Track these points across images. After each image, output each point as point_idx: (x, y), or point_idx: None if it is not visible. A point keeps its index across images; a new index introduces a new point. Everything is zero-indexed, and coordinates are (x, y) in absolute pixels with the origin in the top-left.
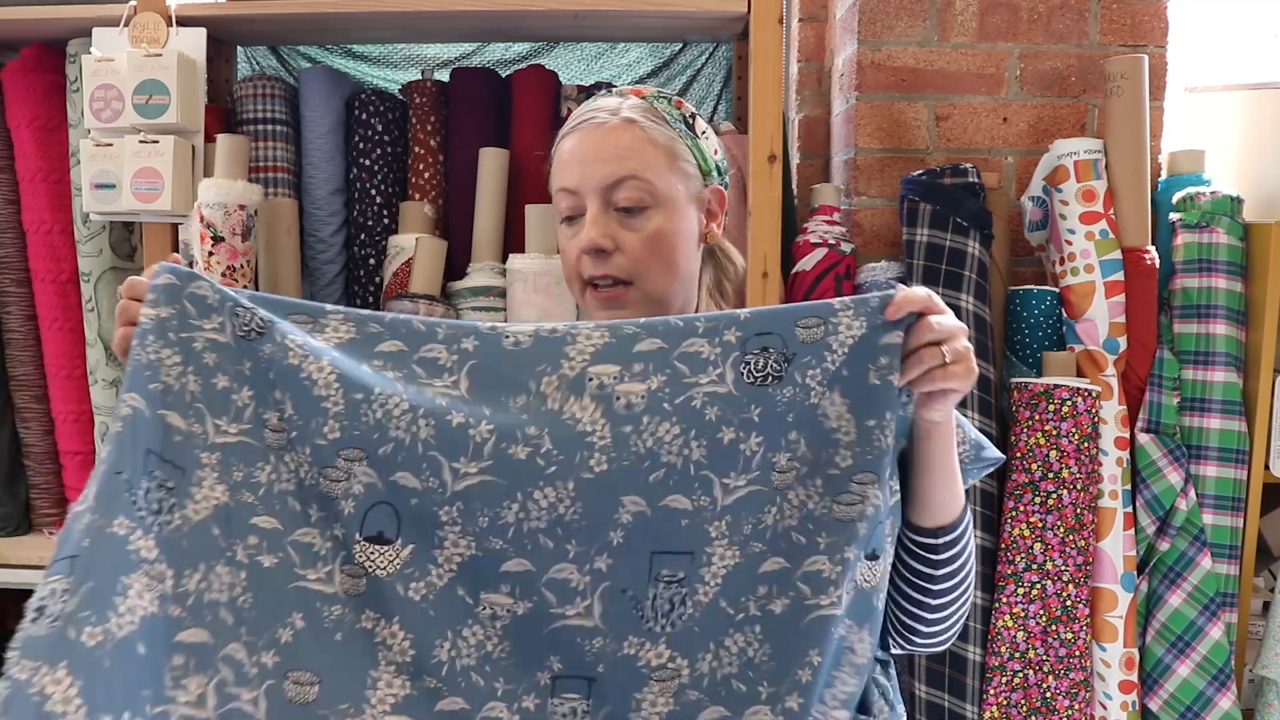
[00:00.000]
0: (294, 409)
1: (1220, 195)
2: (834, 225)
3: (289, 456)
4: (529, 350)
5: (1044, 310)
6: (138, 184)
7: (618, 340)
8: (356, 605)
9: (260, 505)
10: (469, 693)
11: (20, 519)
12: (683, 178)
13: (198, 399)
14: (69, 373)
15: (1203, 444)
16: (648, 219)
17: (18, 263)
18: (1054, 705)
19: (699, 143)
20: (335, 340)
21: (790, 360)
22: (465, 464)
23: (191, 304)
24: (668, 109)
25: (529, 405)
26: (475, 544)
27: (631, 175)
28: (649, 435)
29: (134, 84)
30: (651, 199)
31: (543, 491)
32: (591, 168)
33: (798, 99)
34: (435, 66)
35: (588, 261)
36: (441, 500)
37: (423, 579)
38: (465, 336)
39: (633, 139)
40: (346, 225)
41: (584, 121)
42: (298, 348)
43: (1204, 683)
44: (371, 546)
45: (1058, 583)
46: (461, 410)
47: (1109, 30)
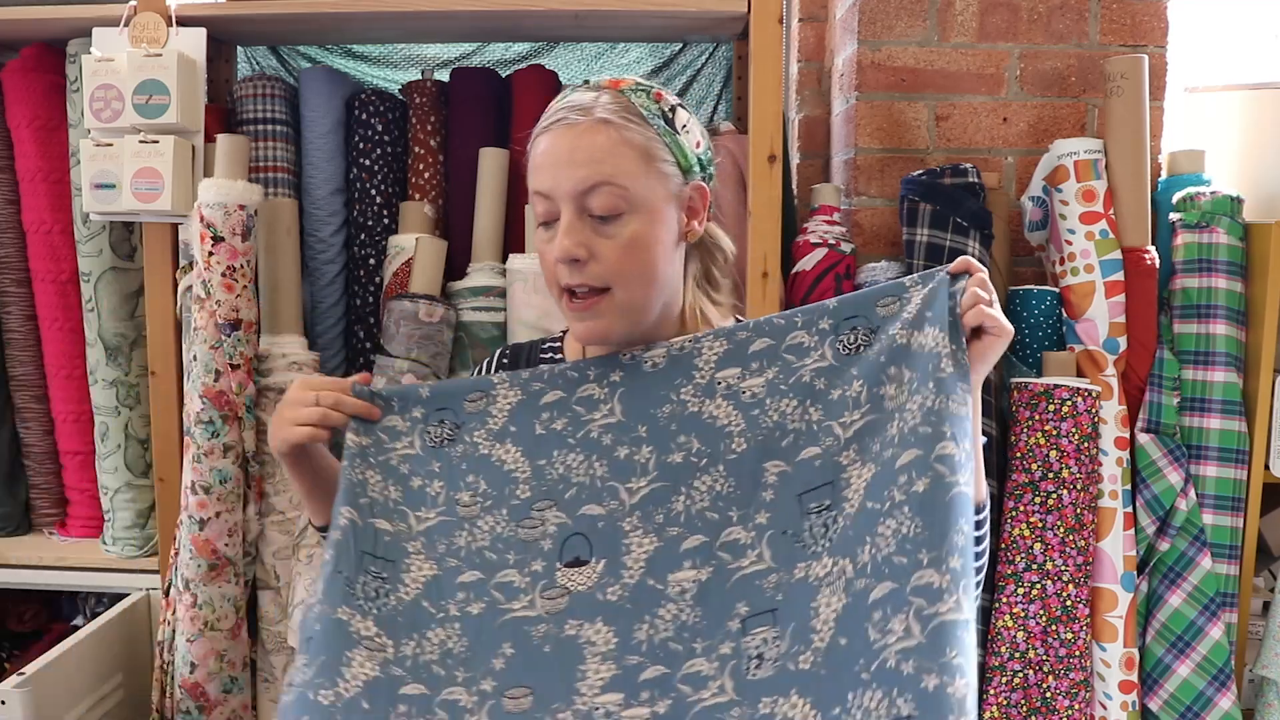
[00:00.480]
0: (487, 484)
1: (1220, 195)
2: (834, 225)
3: (483, 520)
4: (665, 369)
5: (1044, 310)
6: (138, 184)
7: (734, 345)
8: (559, 619)
9: (463, 565)
10: (668, 659)
11: (20, 519)
12: (660, 178)
13: (400, 504)
14: (69, 373)
15: (1203, 444)
16: (623, 225)
17: (18, 263)
18: (1054, 705)
19: (679, 139)
20: (508, 406)
21: (875, 331)
22: (636, 481)
23: (385, 434)
24: (646, 103)
25: (674, 414)
26: (656, 537)
27: (606, 181)
28: (774, 411)
29: (134, 84)
30: (627, 204)
31: (700, 479)
32: (564, 172)
33: (798, 99)
34: (435, 66)
35: (563, 269)
36: (623, 515)
37: (618, 582)
38: (612, 371)
39: (607, 141)
40: (346, 225)
41: (557, 120)
42: (485, 440)
43: (1204, 683)
44: (571, 570)
45: (1058, 583)
46: (624, 441)
47: (1109, 30)
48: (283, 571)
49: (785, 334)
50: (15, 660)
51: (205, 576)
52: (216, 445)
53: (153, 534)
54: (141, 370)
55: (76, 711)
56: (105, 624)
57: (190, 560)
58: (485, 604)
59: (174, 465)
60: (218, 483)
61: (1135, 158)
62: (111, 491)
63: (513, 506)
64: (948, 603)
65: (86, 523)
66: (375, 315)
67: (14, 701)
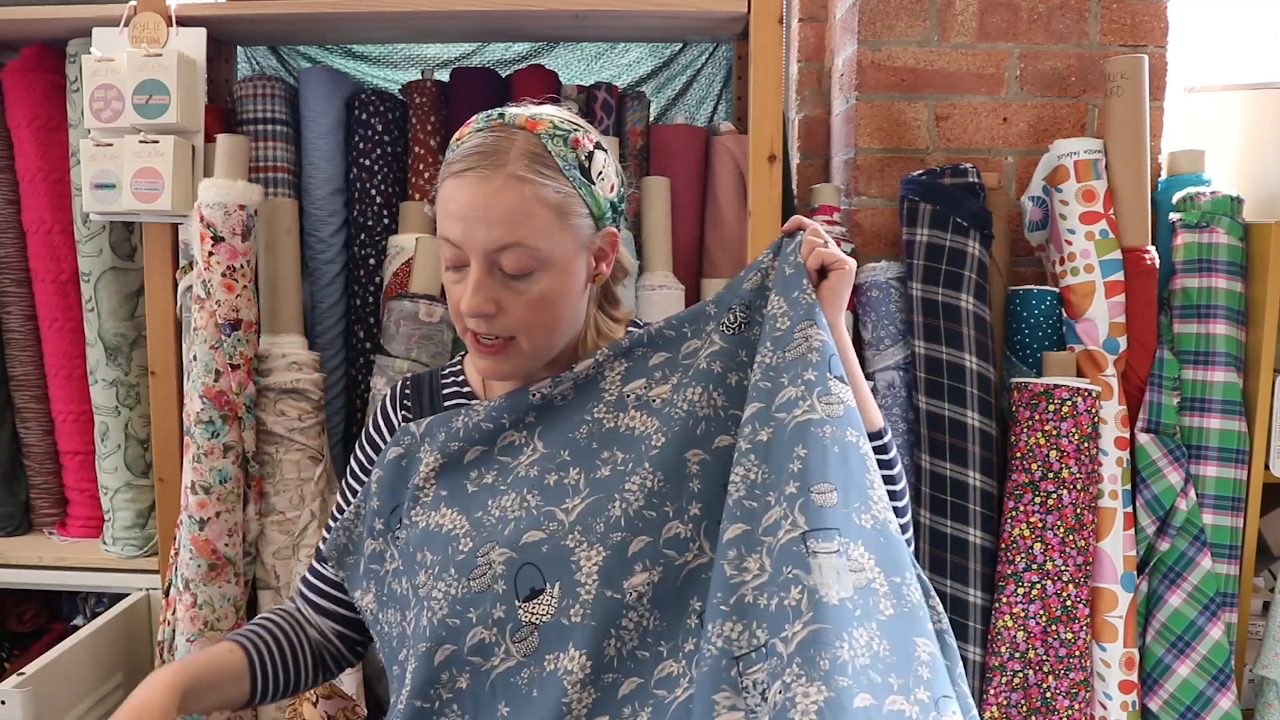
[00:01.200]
0: (432, 554)
1: (1220, 195)
2: (834, 225)
3: (437, 589)
4: (574, 399)
5: (1044, 310)
6: (138, 184)
7: (634, 363)
8: (536, 658)
9: (434, 644)
10: (639, 668)
11: (20, 519)
12: (572, 232)
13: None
14: (69, 373)
15: (1203, 444)
16: (533, 282)
17: (18, 263)
18: (1054, 705)
19: (594, 189)
20: (431, 474)
21: (750, 307)
22: (570, 500)
23: (372, 557)
24: (563, 152)
25: (592, 432)
26: (602, 546)
27: (518, 243)
28: (683, 402)
29: (134, 84)
30: (537, 263)
31: (630, 481)
32: (476, 229)
33: (798, 99)
34: (435, 66)
35: (470, 319)
36: (564, 533)
37: (576, 601)
38: (525, 414)
39: (521, 200)
40: (346, 225)
41: (470, 169)
42: (422, 516)
43: (1204, 683)
44: (530, 604)
45: (1058, 583)
46: (551, 470)
47: (1109, 30)
48: (283, 571)
49: (680, 344)
50: (15, 660)
51: (205, 576)
52: (216, 445)
53: (153, 534)
54: (141, 370)
55: (76, 711)
56: (105, 624)
57: (190, 560)
58: (469, 675)
59: (174, 465)
60: (218, 483)
61: (1135, 158)
62: (111, 491)
63: (459, 563)
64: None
65: (86, 523)
66: (375, 315)
67: (14, 701)
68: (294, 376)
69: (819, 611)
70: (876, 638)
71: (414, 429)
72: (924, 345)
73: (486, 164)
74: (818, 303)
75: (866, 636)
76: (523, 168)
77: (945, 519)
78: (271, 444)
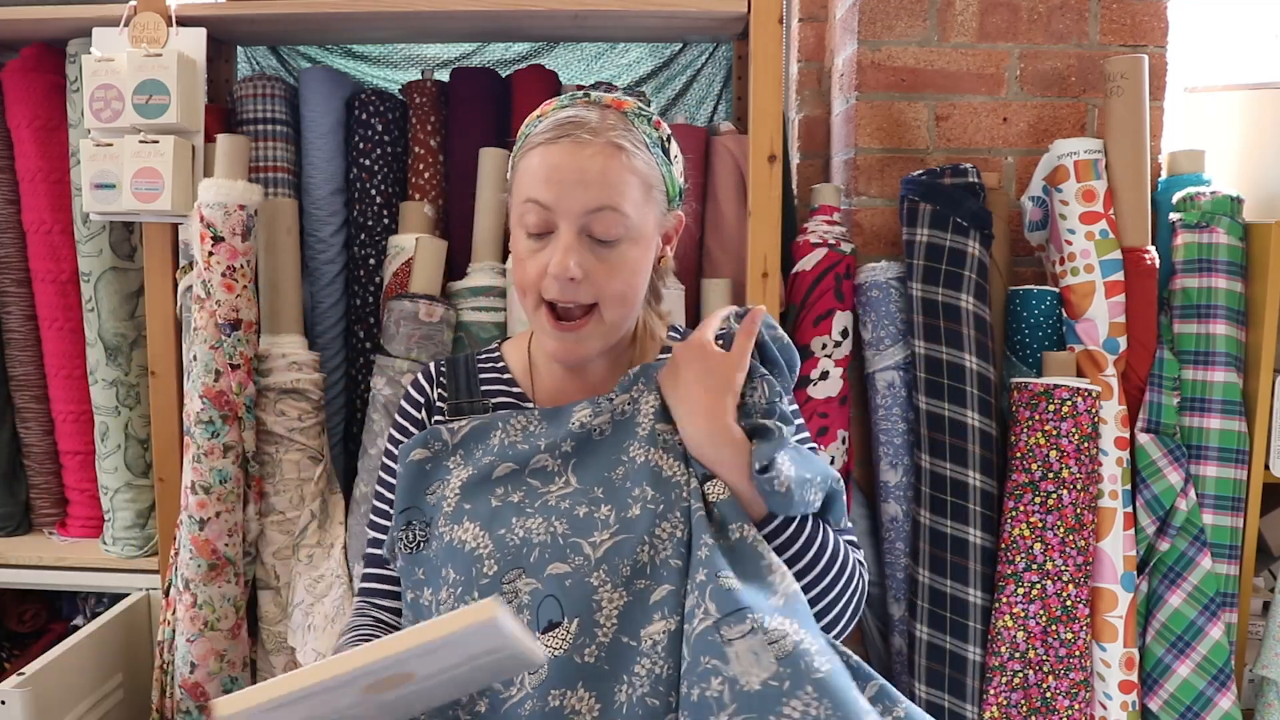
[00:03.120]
0: (456, 572)
1: (1220, 195)
2: (834, 225)
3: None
4: (611, 436)
5: (1044, 310)
6: (138, 184)
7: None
8: (542, 691)
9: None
10: (649, 715)
11: (20, 519)
12: (654, 207)
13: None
14: (69, 373)
15: (1203, 444)
16: (620, 251)
17: (18, 263)
18: (1054, 705)
19: (672, 169)
20: (459, 484)
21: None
22: (599, 535)
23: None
24: (648, 130)
25: (628, 473)
26: (625, 591)
27: (612, 207)
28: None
29: (134, 84)
30: (626, 231)
31: (660, 527)
32: (573, 190)
33: (798, 99)
34: (435, 66)
35: (553, 284)
36: (589, 570)
37: (592, 642)
38: (562, 441)
39: (619, 167)
40: (346, 225)
41: (565, 135)
42: (445, 527)
43: (1204, 683)
44: (546, 636)
45: (1058, 583)
46: (582, 502)
47: (1109, 30)
48: (283, 571)
49: None
50: (15, 660)
51: (205, 576)
52: (216, 445)
53: (153, 534)
54: (141, 370)
55: (76, 711)
56: (105, 624)
57: (190, 560)
58: (487, 701)
59: (174, 465)
60: (218, 483)
61: (1135, 158)
62: (111, 491)
63: (483, 587)
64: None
65: (86, 523)
66: (375, 315)
67: (14, 701)
68: (294, 376)
69: (741, 702)
70: (814, 702)
71: (446, 435)
72: (924, 345)
73: (582, 131)
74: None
75: (801, 706)
76: (618, 136)
77: (945, 519)
78: (271, 444)
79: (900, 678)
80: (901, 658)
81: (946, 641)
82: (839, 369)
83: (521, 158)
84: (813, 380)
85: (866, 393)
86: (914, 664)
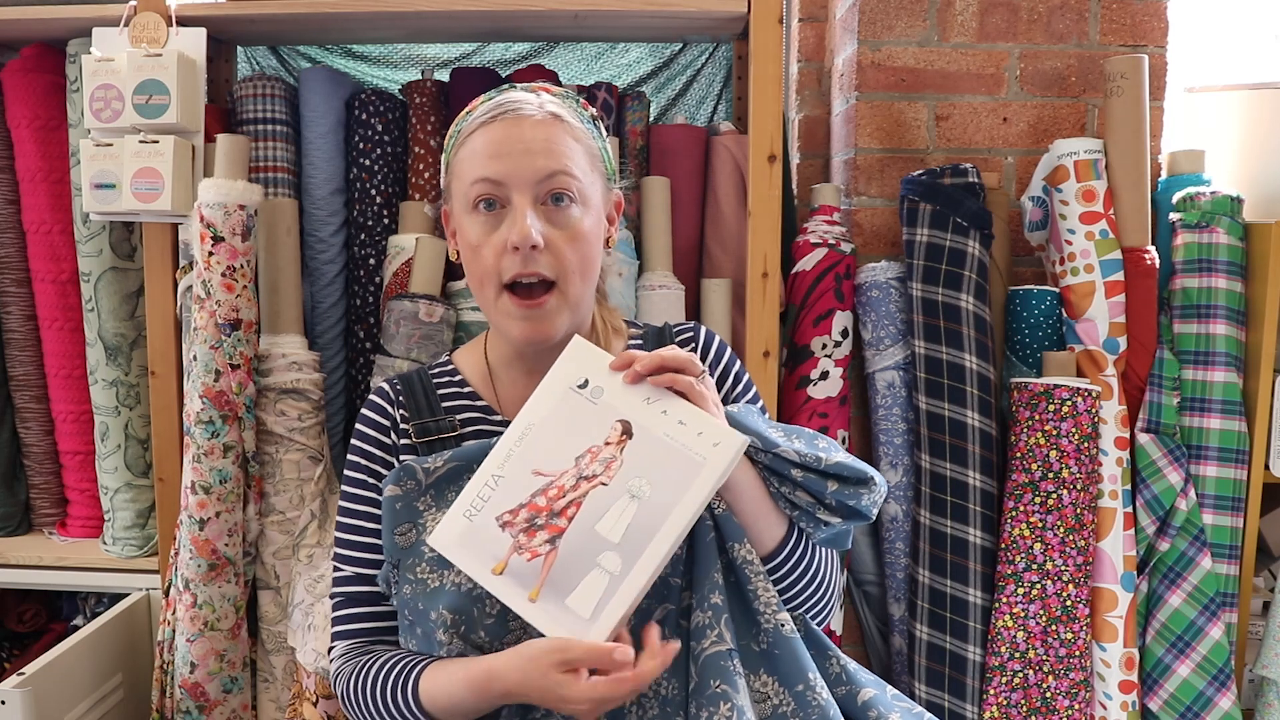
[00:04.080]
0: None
1: (1220, 195)
2: (834, 225)
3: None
4: None
5: (1044, 310)
6: (138, 184)
7: None
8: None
9: None
10: None
11: (20, 519)
12: (600, 179)
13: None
14: (69, 373)
15: (1203, 444)
16: (575, 217)
17: (18, 263)
18: (1054, 705)
19: (606, 146)
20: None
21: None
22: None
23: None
24: (578, 109)
25: None
26: None
27: (564, 171)
28: None
29: (134, 84)
30: (579, 196)
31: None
32: (521, 160)
33: (798, 99)
34: (435, 66)
35: (513, 259)
36: None
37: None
38: None
39: (561, 134)
40: (346, 225)
41: (504, 113)
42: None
43: (1204, 683)
44: None
45: (1058, 583)
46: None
47: (1109, 30)
48: (283, 571)
49: None
50: (15, 660)
51: (205, 576)
52: (216, 445)
53: (153, 534)
54: (141, 370)
55: (76, 711)
56: (105, 624)
57: (190, 560)
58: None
59: (174, 465)
60: (218, 483)
61: (1135, 158)
62: (111, 491)
63: (488, 626)
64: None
65: (86, 523)
66: (375, 315)
67: (14, 701)
68: (294, 376)
69: None
70: None
71: (420, 474)
72: (924, 345)
73: (517, 109)
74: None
75: None
76: (555, 107)
77: (945, 519)
78: (271, 444)
79: (900, 678)
80: (901, 658)
81: (946, 641)
82: (839, 369)
83: (458, 149)
84: (813, 380)
85: (866, 393)
86: (914, 664)
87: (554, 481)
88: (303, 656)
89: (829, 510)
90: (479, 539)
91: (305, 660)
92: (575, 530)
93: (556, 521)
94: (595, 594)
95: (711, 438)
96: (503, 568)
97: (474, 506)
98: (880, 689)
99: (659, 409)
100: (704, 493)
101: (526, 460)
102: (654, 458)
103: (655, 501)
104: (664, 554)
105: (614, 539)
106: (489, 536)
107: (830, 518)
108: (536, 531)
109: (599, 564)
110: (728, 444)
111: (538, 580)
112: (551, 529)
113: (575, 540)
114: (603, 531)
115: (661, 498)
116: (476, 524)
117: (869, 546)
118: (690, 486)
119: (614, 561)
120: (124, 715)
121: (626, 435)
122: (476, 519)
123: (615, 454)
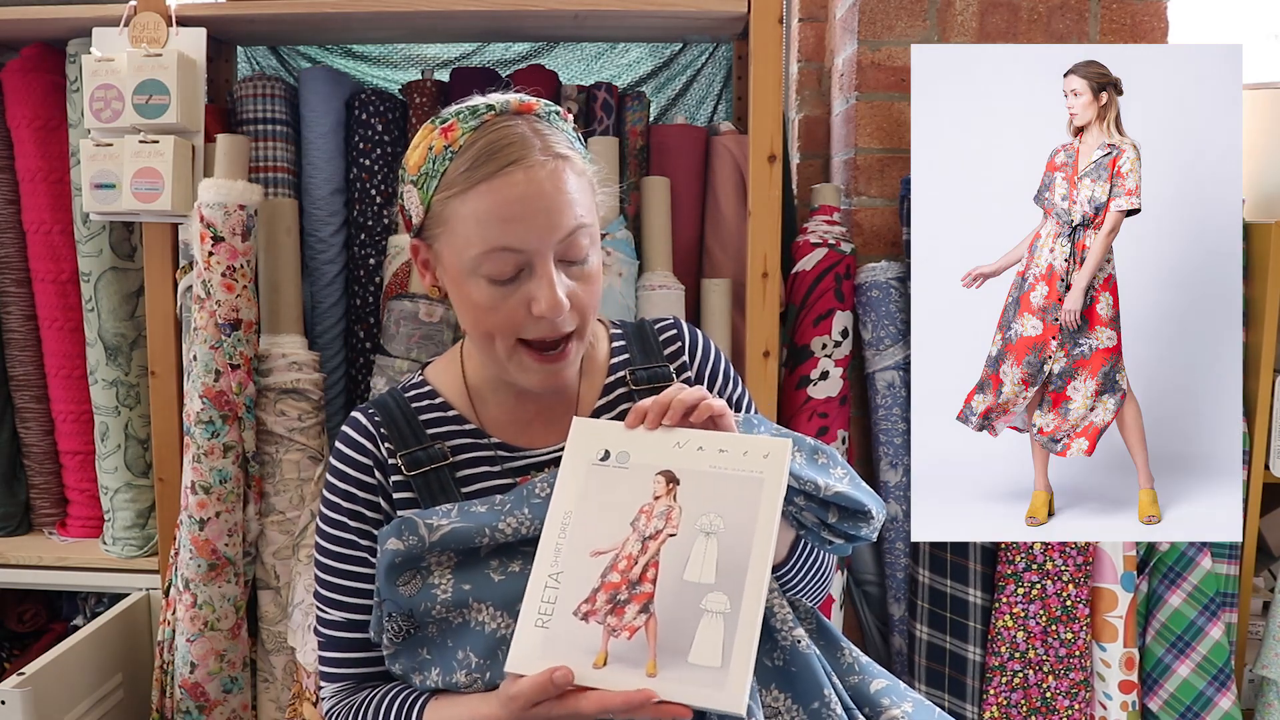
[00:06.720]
0: (478, 655)
1: None
2: (834, 225)
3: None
4: None
5: None
6: (138, 184)
7: None
8: None
9: None
10: None
11: (20, 519)
12: (595, 200)
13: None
14: (69, 373)
15: None
16: (592, 263)
17: (18, 263)
18: (1054, 705)
19: (585, 151)
20: (445, 566)
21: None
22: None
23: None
24: (564, 126)
25: None
26: None
27: (582, 224)
28: None
29: (134, 84)
30: (592, 239)
31: None
32: (542, 222)
33: (798, 99)
34: (435, 66)
35: (538, 324)
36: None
37: None
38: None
39: (571, 174)
40: (346, 225)
41: (509, 163)
42: (455, 614)
43: (1204, 683)
44: None
45: (1058, 583)
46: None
47: (1109, 30)
48: (283, 571)
49: None
50: (15, 660)
51: (205, 576)
52: (216, 445)
53: (153, 534)
54: (141, 370)
55: (76, 711)
56: (105, 624)
57: (190, 560)
58: None
59: (174, 465)
60: (218, 483)
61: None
62: (111, 491)
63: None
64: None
65: (86, 523)
66: (375, 315)
67: (14, 701)
68: (294, 376)
69: None
70: None
71: (422, 530)
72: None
73: (527, 153)
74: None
75: None
76: (554, 142)
77: None
78: (271, 444)
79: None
80: (901, 658)
81: (946, 641)
82: (839, 369)
83: (450, 197)
84: (813, 380)
85: (866, 393)
86: (914, 664)
87: (619, 554)
88: (303, 656)
89: (831, 531)
90: (563, 644)
91: (305, 660)
92: (664, 589)
93: (641, 589)
94: (716, 638)
95: (759, 451)
96: (604, 658)
97: (543, 614)
98: (893, 681)
99: (693, 448)
100: (776, 503)
101: (578, 547)
102: (712, 492)
103: (732, 529)
104: (766, 574)
105: (709, 580)
106: (573, 636)
107: (833, 538)
108: (624, 608)
109: (705, 609)
110: (777, 451)
111: (649, 654)
112: (639, 598)
113: (669, 598)
114: (693, 578)
115: (737, 522)
116: (555, 630)
117: (869, 547)
118: (760, 503)
119: (719, 600)
120: (124, 715)
121: (673, 483)
122: (552, 624)
123: (671, 503)
